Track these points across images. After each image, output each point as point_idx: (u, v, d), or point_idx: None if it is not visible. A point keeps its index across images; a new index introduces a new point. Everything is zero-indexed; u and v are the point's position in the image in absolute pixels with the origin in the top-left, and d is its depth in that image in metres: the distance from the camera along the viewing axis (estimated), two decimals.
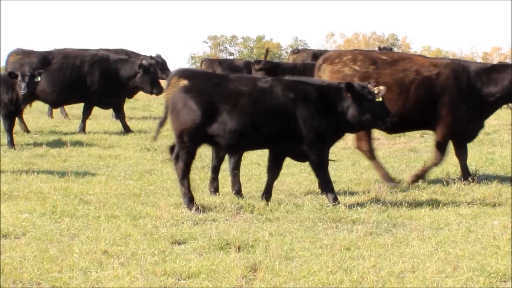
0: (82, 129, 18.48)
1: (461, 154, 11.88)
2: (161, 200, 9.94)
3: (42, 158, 14.06)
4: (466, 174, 11.68)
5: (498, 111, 24.44)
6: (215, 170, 10.83)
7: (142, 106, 25.77)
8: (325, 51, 30.87)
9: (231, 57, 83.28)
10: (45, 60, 18.75)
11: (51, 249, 7.59)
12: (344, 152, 15.19)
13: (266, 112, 9.67)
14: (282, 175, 12.25)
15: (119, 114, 19.16)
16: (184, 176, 9.69)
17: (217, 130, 9.63)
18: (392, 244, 7.96)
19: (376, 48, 28.70)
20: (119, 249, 7.60)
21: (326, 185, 9.97)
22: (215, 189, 10.75)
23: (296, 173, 12.62)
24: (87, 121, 18.80)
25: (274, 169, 10.22)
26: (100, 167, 13.15)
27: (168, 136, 17.75)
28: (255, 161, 13.94)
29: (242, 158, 14.31)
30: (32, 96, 15.55)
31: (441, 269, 7.04)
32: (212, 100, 9.61)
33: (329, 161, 10.34)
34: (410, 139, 17.35)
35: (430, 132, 18.28)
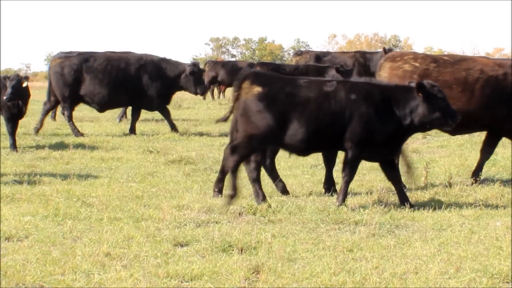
0: (133, 131, 18.60)
1: (489, 152, 11.94)
2: (164, 202, 9.94)
3: (45, 160, 14.07)
4: (478, 172, 11.74)
5: None
6: (270, 170, 11.17)
7: None
8: (327, 53, 30.89)
9: (233, 59, 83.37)
10: (87, 62, 18.77)
11: (54, 251, 7.59)
12: None
13: (333, 115, 9.76)
14: (284, 176, 12.27)
15: (165, 114, 19.16)
16: (235, 169, 9.82)
17: (288, 135, 9.76)
18: (395, 246, 7.96)
19: (381, 50, 28.79)
20: (122, 251, 7.60)
21: (345, 184, 9.98)
22: (282, 189, 11.00)
23: (299, 175, 12.62)
24: (89, 123, 18.83)
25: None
26: (103, 169, 13.16)
27: (170, 138, 17.83)
28: None
29: None
30: (15, 99, 15.30)
31: (444, 270, 7.03)
32: (284, 107, 9.74)
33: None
34: (412, 140, 17.31)
35: (432, 133, 18.35)
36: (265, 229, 8.57)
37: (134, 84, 18.80)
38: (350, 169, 9.97)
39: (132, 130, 18.81)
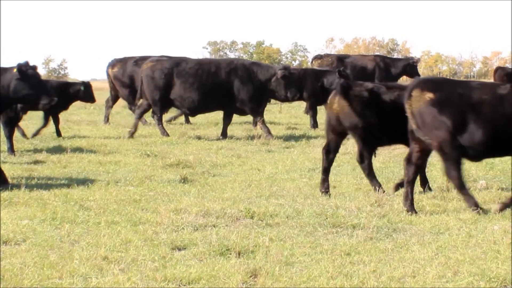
0: (225, 135, 18.62)
1: None
2: (161, 206, 9.94)
3: (42, 164, 14.07)
4: None
5: None
6: (326, 171, 11.31)
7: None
8: (348, 56, 30.88)
9: None
10: (178, 66, 18.76)
11: (51, 255, 7.58)
12: (344, 157, 15.18)
13: (507, 119, 9.72)
14: (282, 180, 12.29)
15: (256, 119, 19.07)
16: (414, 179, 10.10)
17: (466, 140, 9.75)
18: (393, 249, 7.96)
19: (402, 56, 29.13)
20: (119, 255, 7.59)
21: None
22: (326, 189, 11.18)
23: (296, 178, 12.62)
24: (87, 126, 18.80)
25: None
26: (100, 173, 13.16)
27: (168, 142, 17.84)
28: (255, 166, 13.95)
29: (242, 163, 14.37)
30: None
31: (442, 274, 7.04)
32: (458, 111, 9.74)
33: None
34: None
35: None
36: (262, 233, 8.57)
37: (224, 88, 18.74)
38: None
39: (224, 135, 18.77)
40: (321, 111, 26.65)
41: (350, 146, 16.24)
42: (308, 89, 21.86)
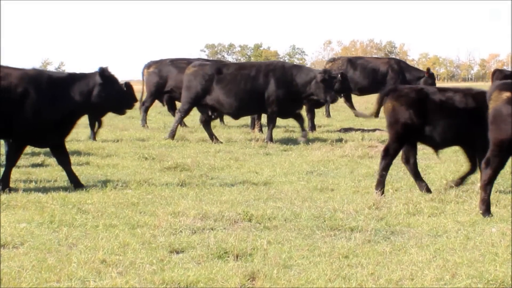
0: (270, 139, 18.50)
1: None
2: (159, 209, 9.94)
3: (40, 167, 14.05)
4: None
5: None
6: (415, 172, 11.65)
7: (139, 115, 25.74)
8: (360, 58, 30.90)
9: None
10: (219, 70, 18.76)
11: (49, 258, 7.58)
12: (342, 159, 15.20)
13: None
14: (280, 183, 12.29)
15: (299, 121, 18.93)
16: (490, 182, 9.97)
17: None
18: (391, 252, 7.96)
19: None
20: (117, 258, 7.59)
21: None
22: (426, 188, 11.47)
23: (294, 181, 12.63)
24: (84, 129, 18.76)
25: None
26: (98, 176, 13.15)
27: (166, 145, 17.83)
28: (253, 169, 13.95)
29: (240, 166, 14.37)
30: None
31: (440, 276, 7.04)
32: None
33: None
34: None
35: None
36: (260, 236, 8.57)
37: (263, 92, 18.64)
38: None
39: (269, 138, 18.61)
40: (319, 113, 26.72)
41: (348, 149, 16.26)
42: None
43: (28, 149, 16.50)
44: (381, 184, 11.31)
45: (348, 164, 14.68)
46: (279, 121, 24.37)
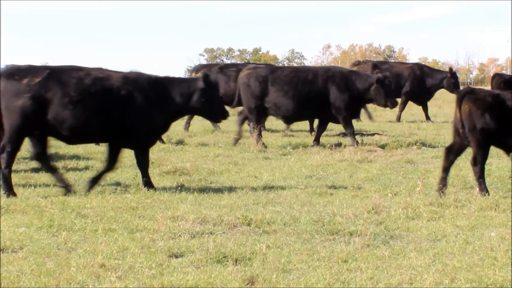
0: (317, 142, 18.48)
1: None
2: (158, 213, 9.93)
3: (39, 172, 14.04)
4: None
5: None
6: (445, 170, 11.71)
7: None
8: (385, 62, 30.80)
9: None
10: (274, 74, 18.67)
11: (49, 263, 7.58)
12: (341, 164, 15.20)
13: None
14: (279, 187, 12.28)
15: (349, 129, 18.80)
16: None
17: None
18: (390, 256, 7.96)
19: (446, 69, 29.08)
20: (117, 262, 7.59)
21: None
22: (442, 187, 11.59)
23: (293, 186, 12.63)
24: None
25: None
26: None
27: (165, 149, 17.84)
28: (252, 173, 13.96)
29: (239, 171, 14.37)
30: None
31: (439, 281, 7.04)
32: None
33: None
34: (407, 150, 17.38)
35: (428, 143, 18.41)
36: (259, 240, 8.57)
37: (321, 97, 18.54)
38: None
39: (317, 141, 18.59)
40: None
41: (347, 154, 16.26)
42: None
43: (27, 153, 16.51)
44: (484, 188, 11.47)
45: (347, 168, 14.68)
46: (278, 125, 24.41)
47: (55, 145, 18.31)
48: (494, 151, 16.32)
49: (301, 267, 7.54)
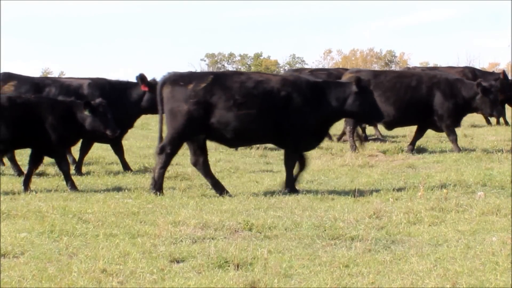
0: (459, 150, 17.96)
1: None
2: (160, 218, 9.94)
3: (41, 177, 14.06)
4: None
5: (496, 127, 24.50)
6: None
7: (140, 124, 25.75)
8: (433, 68, 30.61)
9: None
10: (375, 79, 18.26)
11: (50, 268, 7.58)
12: (342, 169, 15.19)
13: None
14: (280, 192, 12.26)
15: (452, 136, 18.25)
16: None
17: None
18: (391, 261, 7.96)
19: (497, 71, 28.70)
20: (118, 267, 7.59)
21: None
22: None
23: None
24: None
25: None
26: (99, 185, 13.15)
27: None
28: (254, 178, 13.95)
29: (241, 176, 14.37)
30: None
31: (440, 285, 7.04)
32: None
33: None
34: (408, 155, 17.36)
35: (429, 148, 18.39)
36: (261, 245, 8.57)
37: (424, 103, 18.16)
38: None
39: (413, 145, 18.26)
40: None
41: (348, 158, 16.26)
42: None
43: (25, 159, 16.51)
44: None
45: (348, 173, 14.67)
46: None
47: None
48: (494, 155, 16.38)
49: (303, 272, 7.53)
